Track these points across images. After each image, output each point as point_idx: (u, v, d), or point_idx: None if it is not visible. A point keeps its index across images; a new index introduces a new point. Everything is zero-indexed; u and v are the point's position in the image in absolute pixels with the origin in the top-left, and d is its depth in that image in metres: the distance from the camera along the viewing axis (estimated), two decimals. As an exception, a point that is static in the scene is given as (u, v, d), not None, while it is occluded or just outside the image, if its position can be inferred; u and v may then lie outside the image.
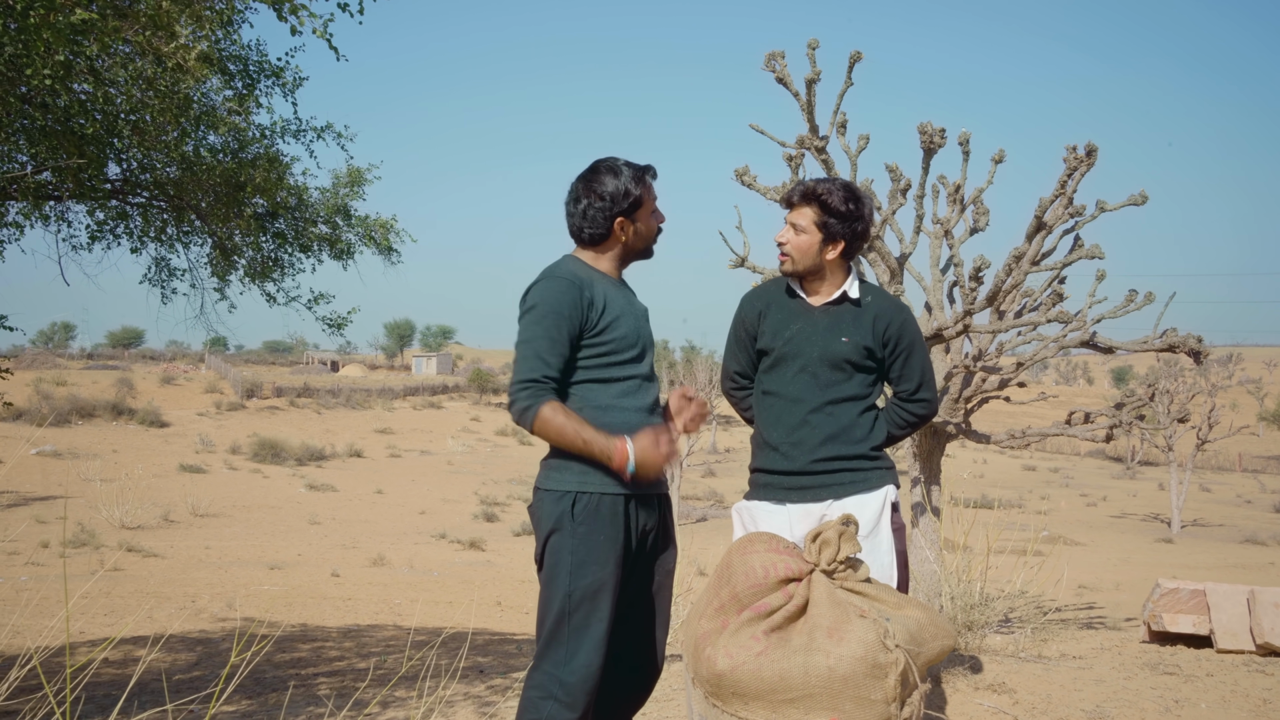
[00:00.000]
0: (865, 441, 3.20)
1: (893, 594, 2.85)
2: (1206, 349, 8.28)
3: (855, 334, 3.19)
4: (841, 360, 3.17)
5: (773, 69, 8.31)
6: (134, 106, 4.65)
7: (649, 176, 2.97)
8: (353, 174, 6.74)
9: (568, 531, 2.78)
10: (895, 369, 3.26)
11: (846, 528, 2.81)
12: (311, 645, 6.86)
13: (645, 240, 3.02)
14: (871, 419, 3.24)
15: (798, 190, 3.21)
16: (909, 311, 3.29)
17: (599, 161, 2.97)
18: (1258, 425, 64.59)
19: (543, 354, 2.78)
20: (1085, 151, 7.63)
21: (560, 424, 2.73)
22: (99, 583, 12.34)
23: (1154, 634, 5.93)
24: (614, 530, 2.80)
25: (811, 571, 2.77)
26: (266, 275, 6.31)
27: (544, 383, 2.76)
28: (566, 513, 2.79)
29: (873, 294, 3.29)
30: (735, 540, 2.98)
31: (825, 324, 3.22)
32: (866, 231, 3.23)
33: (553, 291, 2.83)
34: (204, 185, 5.34)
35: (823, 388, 3.18)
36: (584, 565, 2.76)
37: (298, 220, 6.31)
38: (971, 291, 7.89)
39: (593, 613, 2.76)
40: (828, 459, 3.16)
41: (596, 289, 2.87)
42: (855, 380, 3.20)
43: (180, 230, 6.02)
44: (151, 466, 33.87)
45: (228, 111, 5.23)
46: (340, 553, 19.19)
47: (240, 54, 5.49)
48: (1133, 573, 21.37)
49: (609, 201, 2.90)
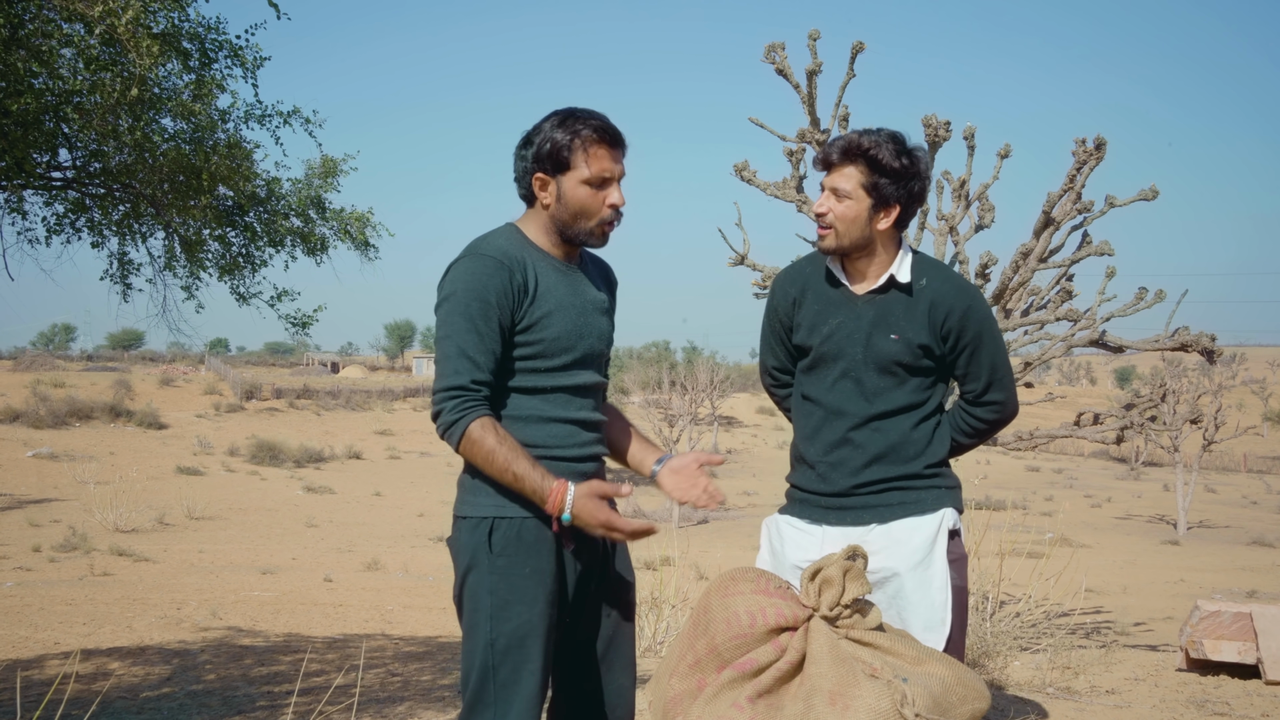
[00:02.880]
0: (921, 458, 2.64)
1: (911, 645, 2.29)
2: (1220, 348, 8.05)
3: (908, 329, 2.60)
4: (891, 363, 2.60)
5: (772, 61, 8.07)
6: (75, 87, 4.39)
7: (586, 130, 2.31)
8: (327, 164, 6.42)
9: (485, 567, 2.28)
10: (960, 366, 2.67)
11: (853, 562, 2.29)
12: (293, 657, 6.61)
13: (573, 213, 2.36)
14: (930, 429, 2.66)
15: (837, 146, 2.59)
16: (975, 294, 2.66)
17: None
18: (1262, 425, 64.35)
19: (470, 352, 2.26)
20: (1095, 145, 7.40)
21: (489, 449, 2.23)
22: (85, 588, 12.10)
23: (1192, 661, 5.38)
24: (541, 562, 2.30)
25: (810, 618, 2.27)
26: (234, 272, 6.04)
27: (472, 391, 2.26)
28: (483, 544, 2.29)
29: (928, 274, 2.65)
30: (716, 579, 2.41)
31: (871, 318, 2.62)
32: (924, 192, 2.63)
33: (476, 274, 2.29)
34: (157, 172, 5.08)
35: (869, 398, 2.62)
36: (507, 607, 2.26)
37: (266, 213, 6.03)
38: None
39: (522, 664, 2.26)
40: (874, 482, 2.62)
41: (530, 272, 2.34)
42: (910, 385, 2.62)
43: (138, 223, 5.73)
44: (148, 469, 33.66)
45: (191, 97, 4.96)
46: (335, 557, 18.96)
47: (197, 31, 5.19)
48: (1139, 575, 21.14)
49: (532, 151, 2.33)
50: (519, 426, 2.34)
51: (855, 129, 2.63)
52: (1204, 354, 7.90)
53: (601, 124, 2.33)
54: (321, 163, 6.36)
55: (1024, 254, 7.40)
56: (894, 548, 2.57)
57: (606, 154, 2.34)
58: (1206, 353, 7.87)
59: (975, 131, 7.42)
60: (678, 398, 37.61)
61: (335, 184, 6.39)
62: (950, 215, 7.55)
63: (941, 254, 7.63)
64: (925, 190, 2.63)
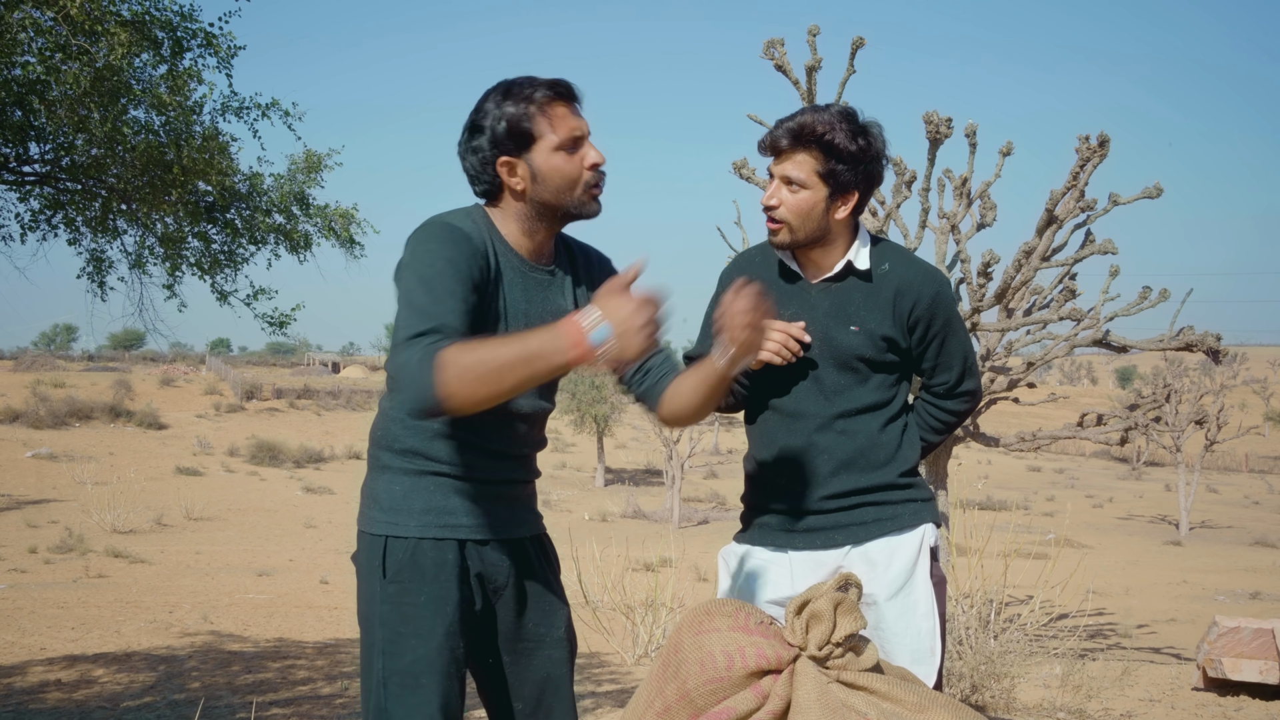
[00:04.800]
0: (893, 464, 2.36)
1: (912, 689, 1.98)
2: (1225, 348, 7.94)
3: (869, 319, 2.33)
4: (852, 357, 2.33)
5: (772, 56, 7.96)
6: (40, 76, 4.25)
7: (540, 93, 2.00)
8: (310, 159, 6.25)
9: (377, 594, 1.98)
10: (929, 358, 2.41)
11: (845, 594, 1.99)
12: (282, 664, 6.50)
13: (555, 188, 2.02)
14: (899, 431, 2.39)
15: (785, 131, 2.27)
16: (942, 279, 2.40)
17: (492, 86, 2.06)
18: (1264, 425, 64.24)
19: (429, 306, 1.85)
20: (1098, 142, 7.28)
21: (475, 357, 1.75)
22: (79, 591, 11.99)
23: (1210, 680, 5.17)
24: (440, 588, 1.98)
25: (796, 659, 1.97)
26: (214, 270, 5.89)
27: (436, 332, 1.82)
28: (376, 568, 1.99)
29: (890, 259, 2.38)
30: (689, 612, 2.09)
31: (826, 308, 2.36)
32: (881, 174, 2.34)
33: (444, 240, 1.94)
34: (129, 166, 4.93)
35: (829, 396, 2.34)
36: (399, 639, 1.96)
37: (248, 209, 5.88)
38: (980, 288, 7.55)
39: (418, 707, 1.94)
40: (844, 494, 2.33)
41: (493, 261, 2.02)
42: (873, 383, 2.36)
43: (114, 219, 5.58)
44: (148, 469, 33.54)
45: (167, 90, 4.82)
46: (333, 558, 18.85)
47: (169, 19, 5.05)
48: (1142, 576, 21.03)
49: (486, 136, 2.00)
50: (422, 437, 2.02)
51: (804, 107, 2.33)
52: (1209, 354, 7.78)
53: (554, 81, 2.04)
54: (305, 157, 6.20)
55: (1026, 252, 7.29)
56: (871, 572, 2.30)
57: (568, 111, 2.03)
58: (1212, 353, 7.75)
59: (977, 129, 7.31)
60: (678, 398, 37.44)
61: (319, 179, 6.23)
62: (952, 214, 7.44)
63: (943, 252, 7.51)
64: (883, 172, 2.35)
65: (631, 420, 47.00)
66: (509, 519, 2.11)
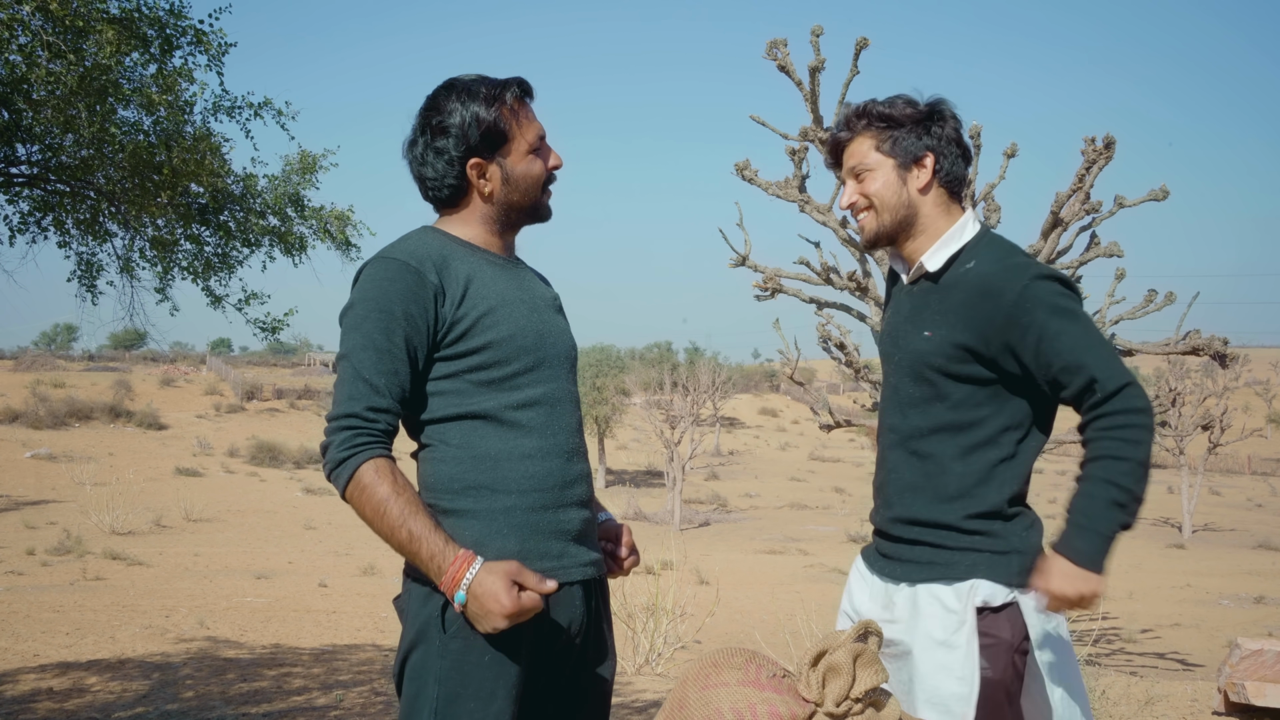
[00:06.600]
0: (962, 501, 2.03)
1: None
2: (1233, 351, 7.85)
3: (943, 323, 2.04)
4: (923, 366, 2.06)
5: (774, 57, 7.87)
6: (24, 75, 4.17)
7: (510, 94, 1.97)
8: (305, 160, 6.16)
9: (435, 649, 1.84)
10: (1038, 370, 1.98)
11: (864, 645, 1.83)
12: (278, 671, 6.41)
13: (524, 190, 1.99)
14: (986, 465, 2.03)
15: (839, 123, 2.16)
16: (1031, 273, 1.99)
17: (443, 83, 2.00)
18: (1267, 427, 64.10)
19: (366, 373, 1.83)
20: (1104, 144, 7.19)
21: (381, 499, 1.78)
22: (75, 594, 11.91)
23: (1231, 705, 4.97)
24: (504, 648, 1.83)
25: (811, 716, 1.82)
26: (207, 273, 5.81)
27: (368, 422, 1.83)
28: (434, 620, 1.84)
29: (980, 255, 2.07)
30: (695, 664, 1.92)
31: (907, 311, 2.13)
32: (959, 136, 2.12)
33: (378, 281, 1.87)
34: (117, 167, 4.85)
35: (904, 410, 2.10)
36: (455, 701, 1.82)
37: (241, 211, 5.80)
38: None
39: None
40: (906, 522, 2.09)
41: (455, 269, 1.91)
42: (955, 398, 2.04)
43: (103, 222, 5.50)
44: (147, 470, 33.48)
45: (158, 89, 4.74)
46: (331, 560, 18.78)
47: (158, 16, 4.96)
48: (1145, 580, 20.94)
49: (455, 138, 1.93)
50: (483, 469, 1.90)
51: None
52: (1216, 358, 7.69)
53: (520, 81, 2.00)
54: (300, 158, 6.12)
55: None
56: (914, 619, 2.07)
57: (532, 112, 2.02)
58: (1219, 356, 7.66)
59: (981, 130, 7.23)
60: (679, 399, 37.46)
61: (314, 180, 6.14)
62: (955, 216, 7.36)
63: (947, 256, 7.43)
64: (959, 133, 2.12)
65: (632, 421, 46.92)
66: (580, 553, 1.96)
